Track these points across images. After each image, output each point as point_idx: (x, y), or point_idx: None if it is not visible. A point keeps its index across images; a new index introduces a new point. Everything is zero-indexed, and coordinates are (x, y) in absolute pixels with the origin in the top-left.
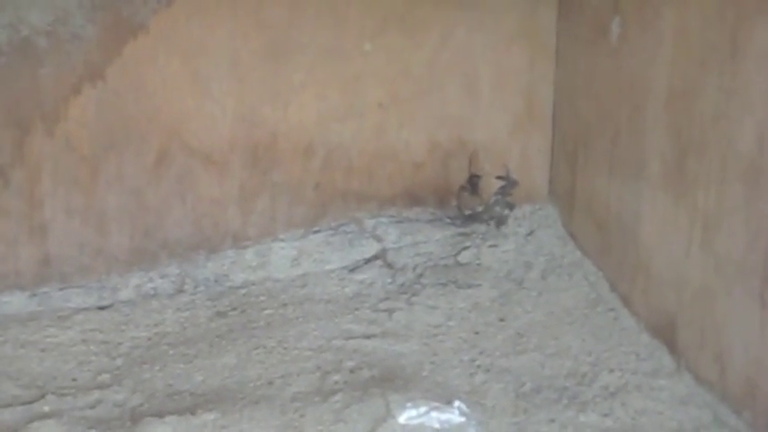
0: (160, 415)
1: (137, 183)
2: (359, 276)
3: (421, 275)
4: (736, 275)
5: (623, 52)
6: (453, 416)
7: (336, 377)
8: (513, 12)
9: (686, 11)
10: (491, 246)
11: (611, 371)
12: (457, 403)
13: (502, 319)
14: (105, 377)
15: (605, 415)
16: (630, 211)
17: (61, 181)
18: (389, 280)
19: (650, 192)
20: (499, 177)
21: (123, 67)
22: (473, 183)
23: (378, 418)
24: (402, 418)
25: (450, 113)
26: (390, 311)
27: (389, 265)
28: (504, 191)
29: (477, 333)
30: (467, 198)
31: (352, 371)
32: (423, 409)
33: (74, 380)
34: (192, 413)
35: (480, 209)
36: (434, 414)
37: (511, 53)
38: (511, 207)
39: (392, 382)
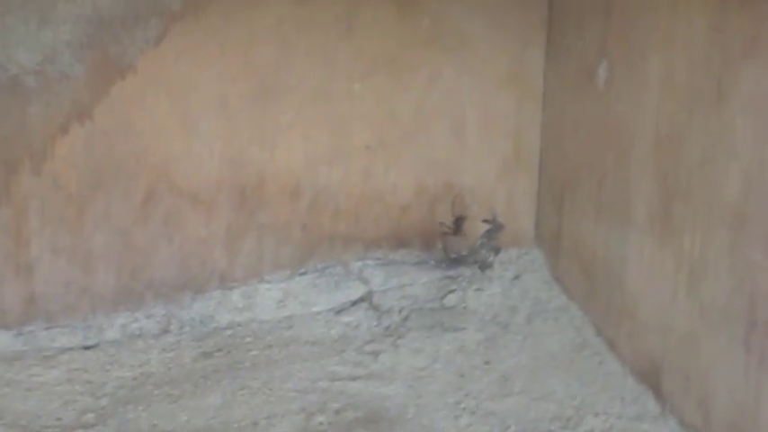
0: None
1: (124, 222)
2: (345, 318)
3: (407, 318)
4: (721, 321)
5: (610, 96)
6: None
7: (321, 418)
8: (500, 55)
9: (672, 55)
10: (477, 289)
11: (597, 415)
12: None
13: (487, 363)
14: (90, 417)
15: None
16: (616, 256)
17: (48, 220)
18: (375, 322)
19: (636, 237)
20: (485, 221)
21: (111, 106)
22: (458, 224)
23: None
24: None
25: (438, 157)
26: (376, 354)
27: (375, 308)
28: (489, 235)
29: (462, 376)
30: (452, 240)
31: (336, 412)
32: None
33: (58, 419)
34: None
35: (465, 252)
36: None
37: (498, 96)
38: (496, 251)
39: (377, 423)
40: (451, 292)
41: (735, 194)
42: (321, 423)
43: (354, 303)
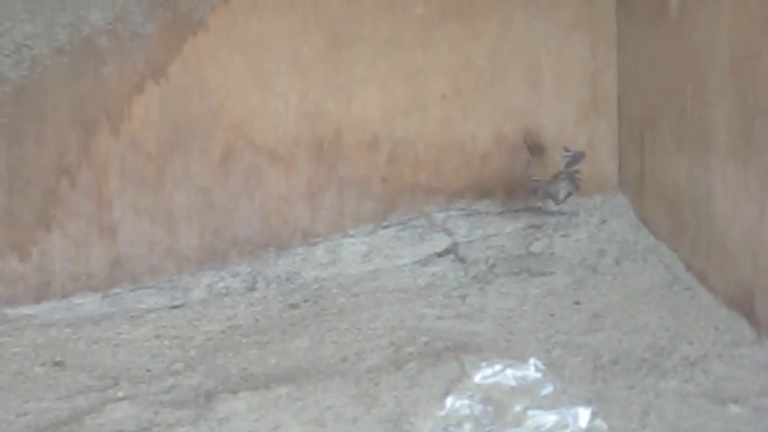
0: (234, 392)
1: (204, 181)
2: (431, 269)
3: (493, 266)
4: None
5: (683, 26)
6: (529, 372)
7: (410, 349)
8: None
9: None
10: (563, 236)
11: (691, 343)
12: (532, 360)
13: (577, 303)
14: (179, 365)
15: (686, 381)
16: (701, 187)
17: (129, 180)
18: (462, 273)
19: (719, 163)
20: (565, 150)
21: (185, 64)
22: (530, 149)
23: (453, 379)
24: (477, 378)
25: (515, 104)
26: (463, 297)
27: (461, 259)
28: (570, 165)
29: (552, 315)
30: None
31: (426, 344)
32: (498, 368)
33: (148, 370)
34: (267, 388)
35: (546, 180)
36: (510, 372)
37: (572, 40)
38: (577, 186)
39: (467, 350)
40: (537, 239)
41: None
42: (411, 353)
43: (440, 255)
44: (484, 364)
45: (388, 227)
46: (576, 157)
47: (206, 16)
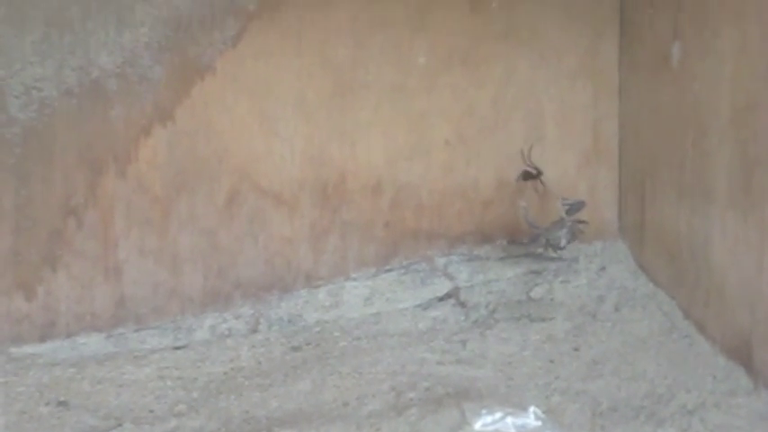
0: None
1: (209, 223)
2: (432, 313)
3: (494, 311)
4: None
5: (684, 76)
6: (529, 420)
7: (411, 395)
8: (575, 47)
9: (745, 25)
10: (563, 281)
11: (689, 391)
12: (532, 408)
13: (576, 349)
14: (182, 407)
15: (684, 430)
16: (700, 236)
17: (134, 222)
18: (462, 317)
19: (719, 212)
20: (564, 201)
21: (192, 107)
22: (526, 177)
23: (453, 427)
24: (478, 425)
25: (517, 150)
26: (464, 342)
27: (462, 304)
28: (569, 213)
29: (552, 361)
30: (534, 217)
31: (426, 389)
32: (498, 415)
33: (151, 411)
34: (269, 431)
35: (544, 228)
36: (510, 420)
37: (574, 89)
38: (574, 234)
39: (468, 397)
40: (537, 285)
41: None
42: (411, 399)
43: (441, 299)
44: (484, 411)
45: (390, 271)
46: (576, 206)
47: (214, 60)
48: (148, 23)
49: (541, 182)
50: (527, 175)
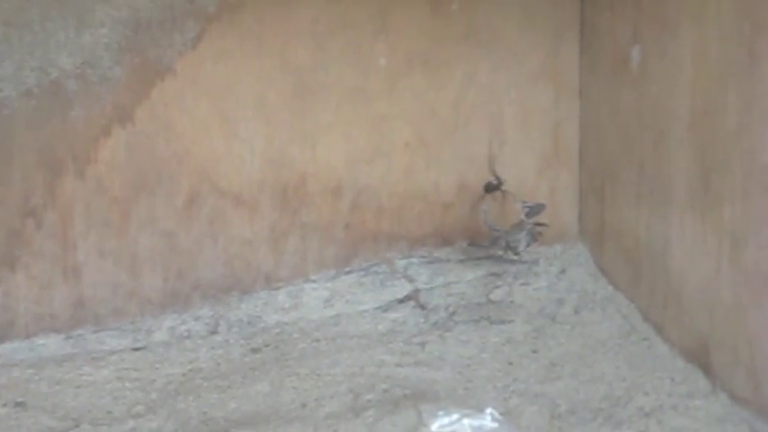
0: None
1: (168, 225)
2: (392, 315)
3: (453, 314)
4: (765, 288)
5: (644, 80)
6: (486, 422)
7: (369, 396)
8: (535, 50)
9: (703, 29)
10: (523, 284)
11: (647, 394)
12: (489, 410)
13: (535, 351)
14: (140, 408)
15: None
16: (659, 239)
17: (93, 223)
18: (422, 319)
19: (677, 216)
20: (524, 203)
21: (152, 109)
22: (488, 189)
23: (410, 428)
24: (434, 427)
25: (478, 154)
26: (423, 344)
27: (422, 306)
28: (528, 216)
29: (510, 363)
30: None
31: (384, 391)
32: (455, 417)
33: (109, 412)
34: None
35: (504, 230)
36: (466, 421)
37: (535, 91)
38: (534, 237)
39: (426, 399)
40: (497, 287)
41: None
42: (369, 400)
43: (401, 301)
44: (441, 413)
45: (350, 273)
46: (536, 209)
47: (174, 62)
48: (108, 24)
49: (501, 191)
50: (489, 187)
